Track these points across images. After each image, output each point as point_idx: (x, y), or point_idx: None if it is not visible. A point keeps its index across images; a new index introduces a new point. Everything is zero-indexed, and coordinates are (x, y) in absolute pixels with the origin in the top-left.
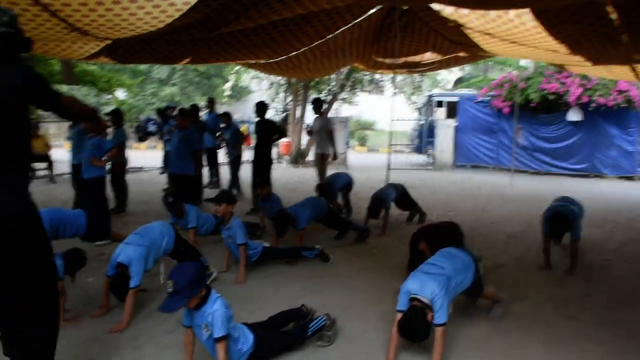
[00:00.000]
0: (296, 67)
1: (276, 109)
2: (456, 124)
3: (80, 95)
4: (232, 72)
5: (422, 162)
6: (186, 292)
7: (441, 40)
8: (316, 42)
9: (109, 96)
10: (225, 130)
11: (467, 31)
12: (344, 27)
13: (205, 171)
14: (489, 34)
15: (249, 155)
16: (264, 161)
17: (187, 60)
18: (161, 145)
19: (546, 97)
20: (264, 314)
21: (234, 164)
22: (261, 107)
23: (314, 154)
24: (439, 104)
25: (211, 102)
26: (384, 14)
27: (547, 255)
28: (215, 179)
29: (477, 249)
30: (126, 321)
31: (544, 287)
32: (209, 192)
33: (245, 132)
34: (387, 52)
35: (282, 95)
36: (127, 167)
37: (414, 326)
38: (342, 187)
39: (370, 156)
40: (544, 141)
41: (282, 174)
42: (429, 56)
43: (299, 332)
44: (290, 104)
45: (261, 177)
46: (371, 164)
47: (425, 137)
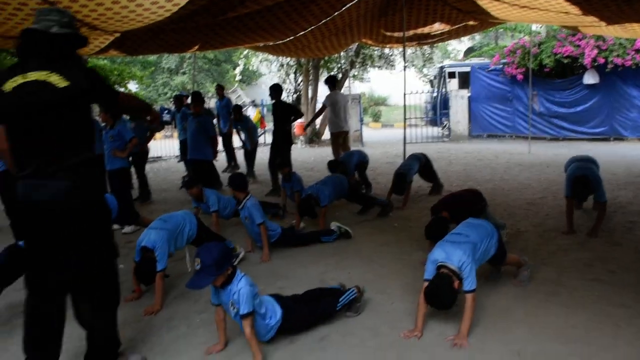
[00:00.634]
0: (305, 47)
1: (287, 91)
2: (470, 94)
3: None
4: (241, 56)
5: (437, 134)
6: (212, 270)
7: (449, 9)
8: (323, 21)
9: (122, 89)
10: (237, 124)
11: None
12: (349, 4)
13: (222, 156)
14: (499, 0)
15: (265, 137)
16: (283, 142)
17: (196, 47)
18: (177, 133)
19: (560, 61)
20: (292, 291)
21: (250, 155)
22: (276, 90)
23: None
24: (451, 75)
25: (220, 89)
26: None
27: (570, 218)
28: (232, 163)
29: (498, 216)
30: (159, 303)
31: (566, 252)
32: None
33: (258, 116)
34: (395, 25)
35: (292, 76)
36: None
37: (441, 293)
38: (357, 165)
39: (384, 132)
40: (561, 106)
41: (299, 154)
42: (437, 27)
43: (329, 305)
44: (301, 84)
45: (281, 157)
46: (386, 139)
47: (439, 109)
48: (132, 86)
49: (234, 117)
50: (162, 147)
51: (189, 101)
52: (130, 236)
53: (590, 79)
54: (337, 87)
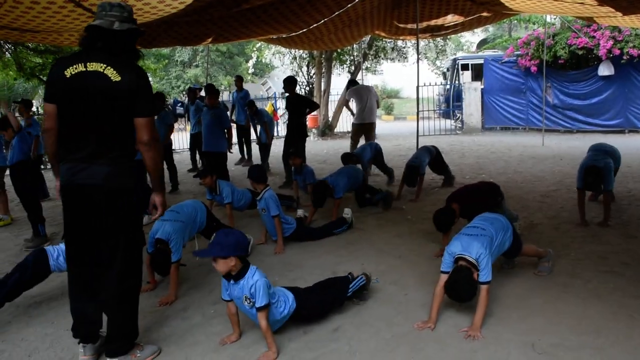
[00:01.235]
0: (318, 39)
1: (300, 83)
2: (483, 87)
3: None
4: (254, 49)
5: (450, 127)
6: (223, 248)
7: (463, 1)
8: (336, 13)
9: None
10: (253, 118)
11: None
12: None
13: (236, 148)
14: None
15: (278, 130)
16: (298, 134)
17: (209, 40)
18: (189, 127)
19: (575, 53)
20: (305, 282)
21: (265, 148)
22: (290, 82)
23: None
24: (465, 67)
25: (240, 80)
26: None
27: (582, 210)
28: (247, 157)
29: (512, 209)
30: (174, 293)
31: (581, 244)
32: (241, 169)
33: (271, 108)
34: (408, 17)
35: (305, 68)
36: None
37: (461, 286)
38: (372, 159)
39: (397, 124)
40: (575, 98)
41: (312, 146)
42: (451, 18)
43: (340, 293)
44: (314, 77)
45: (294, 149)
46: (399, 132)
47: (452, 102)
48: None
49: (249, 111)
50: (176, 139)
51: (202, 94)
52: (143, 228)
53: (605, 70)
54: (357, 84)
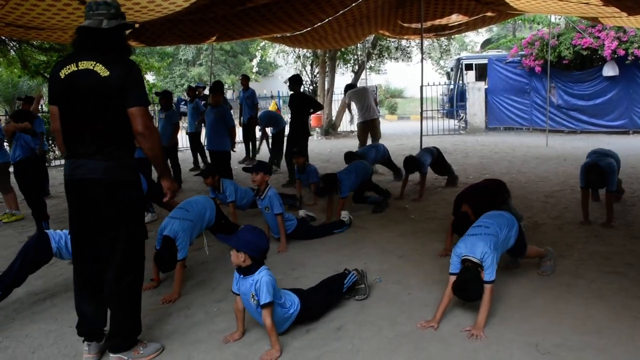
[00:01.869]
0: (322, 38)
1: (304, 82)
2: (487, 87)
3: None
4: (258, 48)
5: (454, 126)
6: (239, 241)
7: (467, 0)
8: (340, 12)
9: None
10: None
11: None
12: None
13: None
14: None
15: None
16: (300, 133)
17: (214, 38)
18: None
19: (579, 53)
20: (309, 281)
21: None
22: (295, 81)
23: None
24: (469, 67)
25: (246, 79)
26: None
27: (585, 209)
28: (251, 156)
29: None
30: (177, 291)
31: (584, 245)
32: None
33: (275, 107)
34: (412, 16)
35: (308, 68)
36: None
37: (470, 285)
38: (377, 160)
39: (401, 124)
40: (579, 99)
41: (315, 145)
42: (455, 18)
43: (336, 291)
44: (317, 76)
45: (298, 148)
46: (402, 131)
47: (456, 102)
48: (150, 77)
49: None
50: (180, 138)
51: (205, 92)
52: (147, 226)
53: (609, 71)
54: (354, 86)
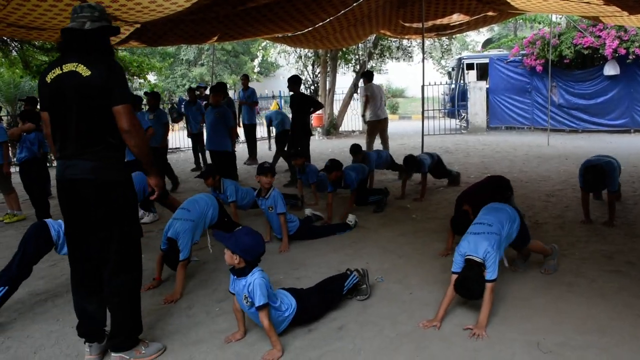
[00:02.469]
0: (323, 38)
1: (305, 82)
2: (488, 86)
3: None
4: (260, 48)
5: (455, 126)
6: (234, 242)
7: (468, 0)
8: (342, 12)
9: (141, 80)
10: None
11: None
12: None
13: (242, 147)
14: None
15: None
16: (301, 133)
17: (215, 38)
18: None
19: (581, 52)
20: (310, 281)
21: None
22: (295, 81)
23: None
24: (470, 67)
25: (246, 79)
26: None
27: (585, 208)
28: (253, 156)
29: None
30: (179, 291)
31: (586, 244)
32: (247, 167)
33: (276, 107)
34: (413, 16)
35: (310, 67)
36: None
37: (471, 283)
38: (380, 164)
39: (402, 123)
40: (580, 98)
41: (317, 145)
42: (456, 18)
43: (336, 292)
44: (319, 76)
45: (299, 148)
46: (404, 131)
47: (457, 101)
48: (151, 77)
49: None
50: (181, 138)
51: (207, 92)
52: (147, 226)
53: (610, 70)
54: (372, 76)
